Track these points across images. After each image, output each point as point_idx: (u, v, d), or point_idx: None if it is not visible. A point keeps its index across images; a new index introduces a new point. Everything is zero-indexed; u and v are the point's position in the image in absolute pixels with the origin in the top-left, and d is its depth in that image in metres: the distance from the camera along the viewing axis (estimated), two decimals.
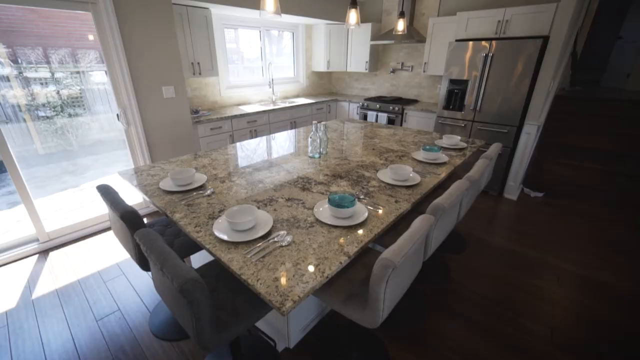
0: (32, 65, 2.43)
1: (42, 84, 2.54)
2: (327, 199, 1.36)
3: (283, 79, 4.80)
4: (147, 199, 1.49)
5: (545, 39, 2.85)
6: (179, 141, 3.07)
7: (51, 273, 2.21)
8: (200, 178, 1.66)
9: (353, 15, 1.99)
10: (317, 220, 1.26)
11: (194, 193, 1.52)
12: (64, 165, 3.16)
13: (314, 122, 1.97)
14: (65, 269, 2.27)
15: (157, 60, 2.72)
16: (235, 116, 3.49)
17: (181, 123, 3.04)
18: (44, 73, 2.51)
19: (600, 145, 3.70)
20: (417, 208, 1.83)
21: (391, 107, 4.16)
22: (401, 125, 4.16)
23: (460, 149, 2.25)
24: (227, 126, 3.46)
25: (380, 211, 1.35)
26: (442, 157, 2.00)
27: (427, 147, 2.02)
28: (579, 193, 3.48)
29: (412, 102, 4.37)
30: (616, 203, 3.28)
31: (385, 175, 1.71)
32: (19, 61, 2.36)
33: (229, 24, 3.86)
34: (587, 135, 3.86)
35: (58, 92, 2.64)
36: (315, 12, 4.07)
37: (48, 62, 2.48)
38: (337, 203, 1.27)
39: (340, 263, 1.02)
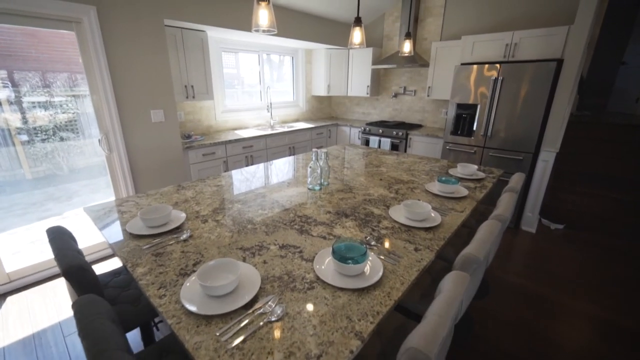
0: (27, 89, 2.31)
1: (35, 107, 2.40)
2: (330, 248, 1.09)
3: (282, 103, 4.66)
4: (114, 243, 1.21)
5: (559, 62, 2.70)
6: (168, 168, 2.83)
7: (2, 325, 1.88)
8: (178, 217, 1.39)
9: (357, 34, 1.81)
10: (318, 279, 0.98)
11: (168, 237, 1.24)
12: (50, 191, 2.93)
13: (314, 149, 1.74)
14: (20, 318, 1.93)
15: (146, 82, 2.54)
16: (230, 141, 3.27)
17: (170, 149, 2.81)
18: (39, 97, 2.38)
19: (617, 173, 3.47)
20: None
21: (394, 132, 3.97)
22: (405, 151, 3.96)
23: (479, 180, 2.00)
24: (221, 152, 3.23)
25: (397, 263, 1.07)
26: (462, 190, 1.75)
27: (443, 178, 1.77)
28: (601, 224, 3.20)
29: (416, 126, 4.19)
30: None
31: (399, 213, 1.45)
32: (16, 84, 2.23)
33: (227, 48, 3.75)
34: (602, 162, 3.64)
35: (52, 116, 2.49)
36: (315, 36, 3.98)
37: (46, 86, 2.35)
38: (343, 256, 0.99)
39: (352, 352, 0.72)
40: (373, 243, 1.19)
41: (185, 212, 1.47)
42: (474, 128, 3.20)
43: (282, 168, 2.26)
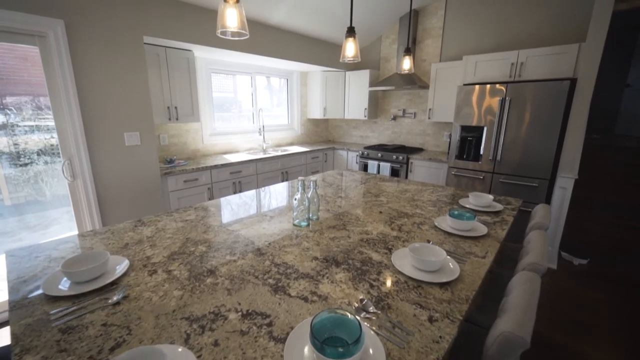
0: (15, 113, 2.14)
1: (22, 131, 2.23)
2: (310, 322, 0.77)
3: (276, 126, 4.45)
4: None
5: (572, 81, 2.49)
6: (142, 197, 2.53)
7: None
8: (116, 267, 1.07)
9: (351, 46, 1.58)
10: None
11: (95, 298, 0.92)
12: (27, 219, 2.66)
13: (300, 178, 1.45)
14: None
15: (121, 103, 2.31)
16: (216, 166, 3.00)
17: (146, 175, 2.53)
18: (27, 122, 2.21)
19: (636, 199, 3.18)
20: None
21: (394, 156, 3.71)
22: (406, 176, 3.68)
23: (496, 213, 1.70)
24: (206, 178, 2.95)
25: (406, 346, 0.74)
26: (480, 226, 1.44)
27: (456, 211, 1.47)
28: (630, 258, 2.85)
29: (417, 150, 3.95)
30: None
31: (404, 260, 1.13)
32: (4, 108, 2.09)
33: (217, 69, 3.58)
34: (618, 188, 3.36)
35: (39, 140, 2.31)
36: (310, 58, 3.84)
37: (38, 108, 2.18)
38: (329, 337, 0.67)
39: None
40: (371, 309, 0.87)
41: (132, 258, 1.16)
42: (481, 152, 2.95)
43: (267, 197, 1.97)
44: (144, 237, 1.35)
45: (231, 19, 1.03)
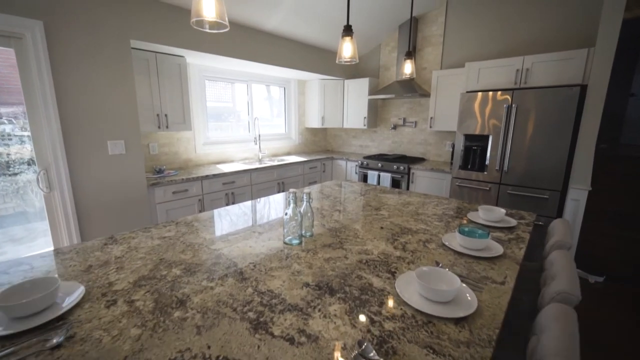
0: (7, 122, 2.05)
1: (18, 142, 2.14)
2: None
3: (273, 135, 4.32)
4: None
5: (582, 88, 2.37)
6: (127, 209, 2.37)
7: None
8: (68, 298, 0.90)
9: (347, 47, 1.45)
10: None
11: (34, 340, 0.75)
12: (14, 231, 2.52)
13: (291, 190, 1.29)
14: None
15: (105, 110, 2.17)
16: (207, 176, 2.85)
17: (131, 186, 2.37)
18: (24, 131, 2.10)
19: None
20: None
21: (395, 167, 3.56)
22: (408, 187, 3.53)
23: (510, 229, 1.53)
24: (196, 189, 2.80)
25: None
26: (495, 246, 1.27)
27: (466, 228, 1.30)
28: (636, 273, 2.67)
29: (418, 160, 3.80)
30: None
31: (410, 287, 0.96)
32: None
33: (211, 76, 3.47)
34: (630, 200, 3.19)
35: (31, 150, 2.20)
36: (307, 66, 3.75)
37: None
38: None
39: None
40: (372, 355, 0.70)
41: (92, 284, 0.99)
42: (487, 162, 2.80)
43: (260, 209, 1.80)
44: (112, 258, 1.18)
45: (208, 7, 0.89)
